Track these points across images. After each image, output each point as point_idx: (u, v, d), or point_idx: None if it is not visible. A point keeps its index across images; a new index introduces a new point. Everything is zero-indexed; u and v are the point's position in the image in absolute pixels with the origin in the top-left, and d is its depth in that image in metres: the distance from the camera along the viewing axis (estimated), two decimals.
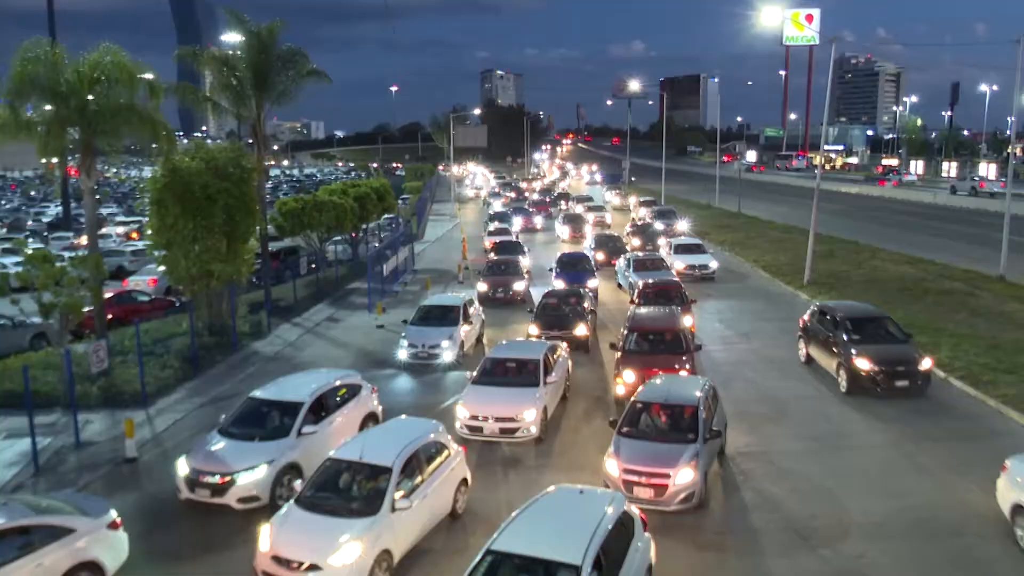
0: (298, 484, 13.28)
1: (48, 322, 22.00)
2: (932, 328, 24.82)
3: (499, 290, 31.32)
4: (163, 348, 23.26)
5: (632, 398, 15.93)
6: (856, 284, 33.02)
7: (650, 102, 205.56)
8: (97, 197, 23.51)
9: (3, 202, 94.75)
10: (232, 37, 33.07)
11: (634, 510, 11.51)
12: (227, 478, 13.78)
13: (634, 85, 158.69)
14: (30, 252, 21.63)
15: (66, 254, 29.82)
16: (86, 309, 21.52)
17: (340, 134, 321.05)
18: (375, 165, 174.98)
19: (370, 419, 16.93)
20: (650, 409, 15.36)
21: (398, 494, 12.08)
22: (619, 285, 34.09)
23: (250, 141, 33.29)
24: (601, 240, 41.87)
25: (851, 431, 17.68)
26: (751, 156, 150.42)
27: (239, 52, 30.92)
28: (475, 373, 18.77)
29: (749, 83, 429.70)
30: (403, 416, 15.65)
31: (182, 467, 14.23)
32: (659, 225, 49.06)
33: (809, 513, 13.80)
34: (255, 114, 30.69)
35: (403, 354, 23.06)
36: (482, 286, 31.51)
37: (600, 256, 38.28)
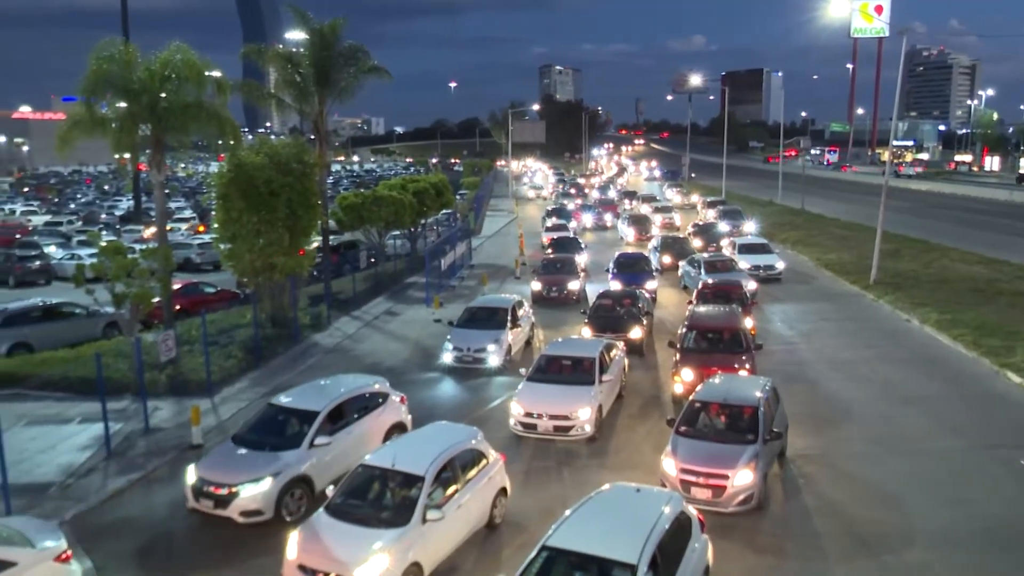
0: (330, 490, 12.46)
1: (120, 312, 22.80)
2: (1005, 331, 23.91)
3: (553, 289, 30.67)
4: (227, 339, 23.83)
5: (690, 397, 15.73)
6: (925, 284, 32.00)
7: (711, 97, 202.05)
8: (166, 192, 24.19)
9: (79, 196, 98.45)
10: (296, 35, 33.74)
11: (692, 510, 11.36)
12: (230, 490, 13.17)
13: (694, 80, 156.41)
14: (104, 244, 22.49)
15: (137, 246, 30.87)
16: (155, 300, 22.23)
17: (399, 130, 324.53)
18: (435, 160, 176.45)
19: (396, 429, 16.11)
20: (709, 409, 15.14)
21: (430, 504, 11.64)
22: (684, 287, 33.09)
23: (312, 137, 33.92)
24: (667, 242, 39.76)
25: (917, 435, 17.15)
26: (828, 154, 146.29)
27: (302, 49, 31.51)
28: (530, 370, 18.59)
29: (815, 77, 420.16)
30: (441, 422, 15.14)
31: (190, 475, 13.73)
32: (724, 226, 47.15)
33: (872, 518, 13.43)
34: (317, 110, 31.23)
35: (448, 357, 22.52)
36: (536, 285, 30.99)
37: (667, 259, 36.88)
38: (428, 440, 13.28)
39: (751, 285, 29.68)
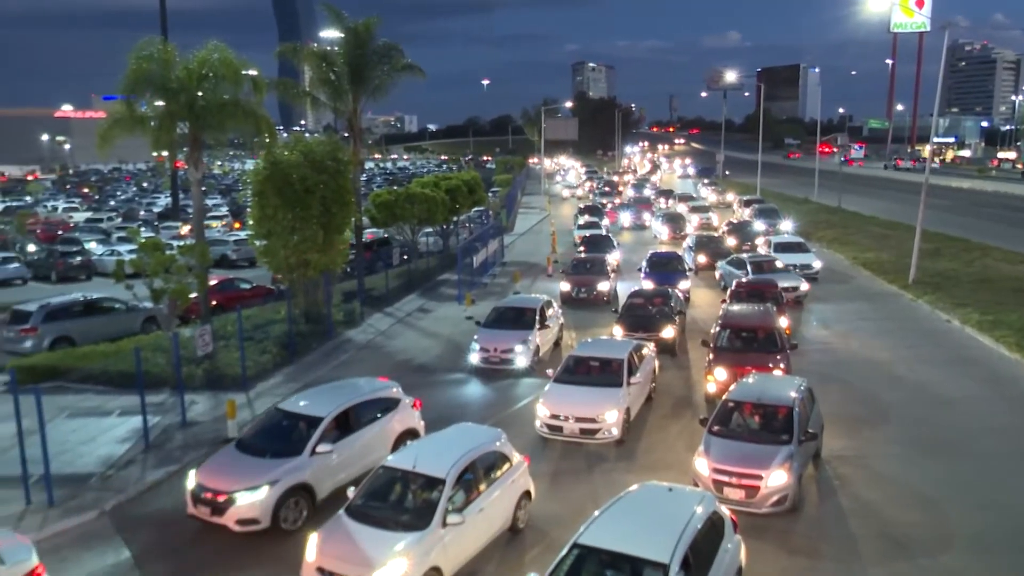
0: (351, 492, 12.27)
1: (158, 307, 23.25)
2: None
3: (582, 290, 30.04)
4: (262, 334, 24.13)
5: (724, 396, 15.59)
6: (965, 284, 31.37)
7: (746, 94, 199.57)
8: (203, 189, 24.54)
9: (118, 193, 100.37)
10: (330, 33, 33.98)
11: (724, 511, 11.27)
12: (227, 497, 12.84)
13: (729, 76, 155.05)
14: (142, 241, 22.89)
15: (174, 243, 31.38)
16: (192, 295, 22.59)
17: (432, 127, 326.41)
18: (468, 158, 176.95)
19: (408, 436, 15.57)
20: (742, 408, 15.00)
21: (451, 508, 11.45)
22: (725, 288, 32.03)
23: (346, 135, 34.17)
24: (702, 241, 38.97)
25: (955, 437, 16.83)
26: (855, 149, 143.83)
27: (337, 48, 31.74)
28: (557, 371, 18.31)
29: (853, 73, 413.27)
30: (465, 423, 15.02)
31: (190, 480, 13.48)
32: (760, 225, 46.38)
33: (908, 521, 13.22)
34: (351, 108, 31.45)
35: (474, 358, 22.20)
36: (564, 285, 30.34)
37: (702, 258, 36.28)
38: (450, 442, 13.06)
39: (803, 286, 29.19)
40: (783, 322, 22.16)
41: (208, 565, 12.39)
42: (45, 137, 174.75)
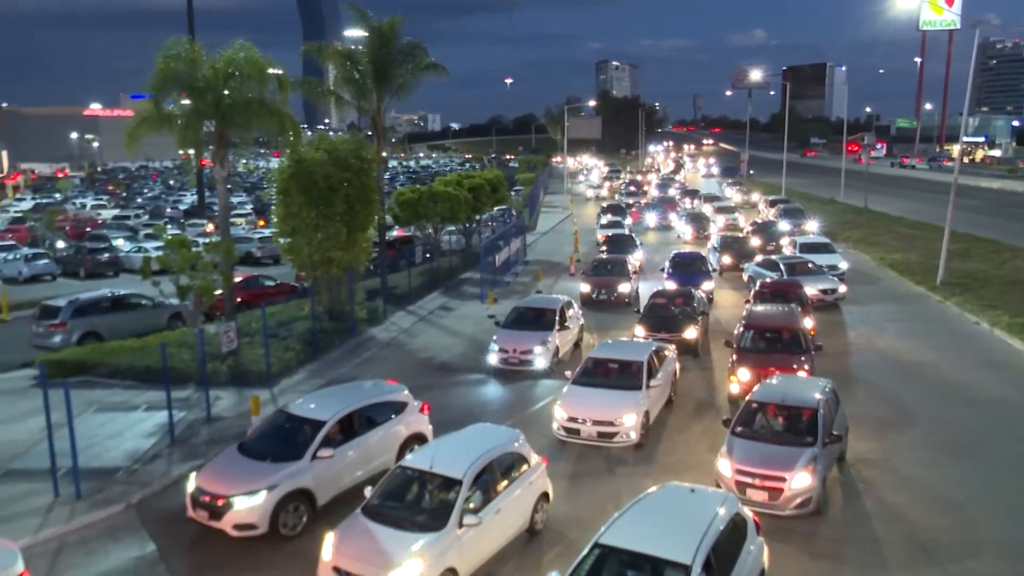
0: (368, 492, 12.25)
1: (184, 303, 23.48)
2: None
3: (602, 292, 29.56)
4: (286, 331, 24.31)
5: (747, 397, 15.47)
6: (995, 286, 30.87)
7: (771, 92, 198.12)
8: (228, 187, 24.77)
9: (145, 191, 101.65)
10: (355, 32, 34.13)
11: (747, 512, 11.18)
12: (224, 501, 12.67)
13: (754, 75, 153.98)
14: (169, 238, 23.13)
15: (200, 240, 31.70)
16: (217, 292, 22.80)
17: (455, 126, 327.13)
18: (491, 157, 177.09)
19: (415, 441, 15.39)
20: (766, 409, 14.87)
21: (468, 509, 11.39)
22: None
23: (369, 133, 34.31)
24: (727, 242, 38.13)
25: (983, 441, 16.58)
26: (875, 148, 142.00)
27: (361, 47, 31.87)
28: (575, 372, 18.06)
29: (880, 71, 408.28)
30: (482, 423, 14.91)
31: (191, 483, 13.36)
32: (785, 225, 45.84)
33: (935, 526, 13.05)
34: (375, 107, 31.58)
35: (493, 358, 21.93)
36: (584, 287, 29.93)
37: (726, 259, 35.77)
38: (468, 442, 12.95)
39: (841, 288, 28.62)
40: (808, 323, 21.94)
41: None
42: (74, 135, 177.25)
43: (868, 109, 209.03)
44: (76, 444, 14.17)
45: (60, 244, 47.19)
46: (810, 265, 30.53)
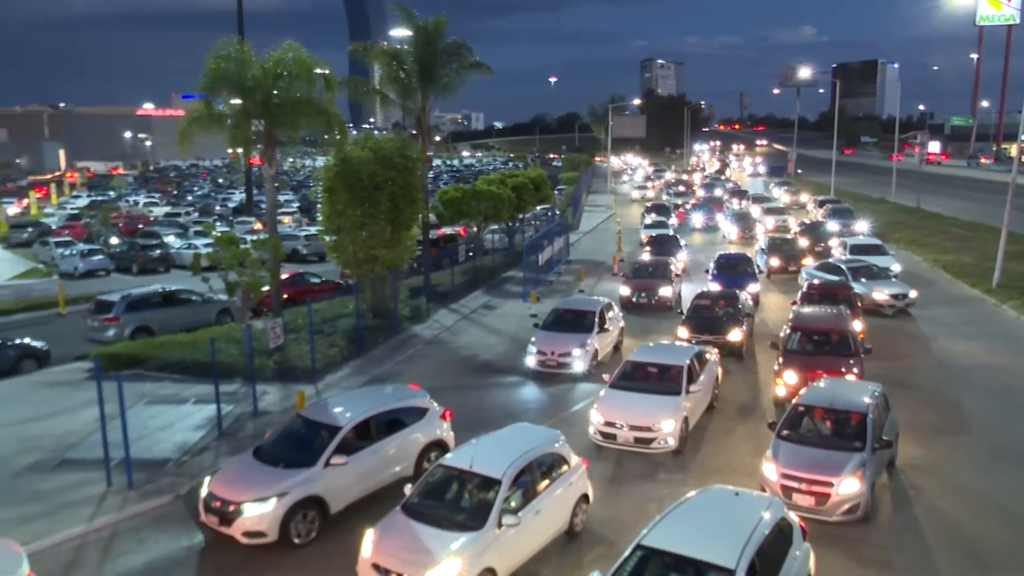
0: (407, 489, 12.25)
1: (232, 299, 23.94)
2: None
3: (642, 295, 28.77)
4: (331, 328, 24.62)
5: (794, 401, 15.22)
6: None
7: (820, 90, 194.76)
8: (276, 185, 25.15)
9: (195, 189, 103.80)
10: (400, 32, 34.39)
11: (793, 517, 11.00)
12: (235, 507, 12.45)
13: (803, 72, 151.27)
14: (218, 235, 23.59)
15: (248, 237, 32.29)
16: (265, 288, 23.18)
17: (499, 125, 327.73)
18: (535, 155, 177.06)
19: (434, 447, 14.99)
20: (813, 413, 14.61)
21: (507, 509, 11.31)
22: None
23: (414, 132, 34.55)
24: (776, 243, 36.79)
25: None
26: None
27: (406, 46, 32.11)
28: (613, 376, 17.70)
29: (934, 68, 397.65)
30: (522, 423, 14.85)
31: (205, 487, 13.21)
32: (834, 225, 44.86)
33: (988, 535, 12.68)
34: (420, 106, 31.79)
35: (531, 360, 21.60)
36: (624, 289, 29.18)
37: (775, 261, 34.59)
38: (508, 442, 12.87)
39: (912, 293, 27.50)
40: (857, 325, 21.48)
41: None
42: (128, 134, 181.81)
43: (921, 107, 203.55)
44: (128, 435, 14.53)
45: (114, 240, 48.47)
46: (875, 268, 29.43)
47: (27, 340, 23.52)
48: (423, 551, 10.70)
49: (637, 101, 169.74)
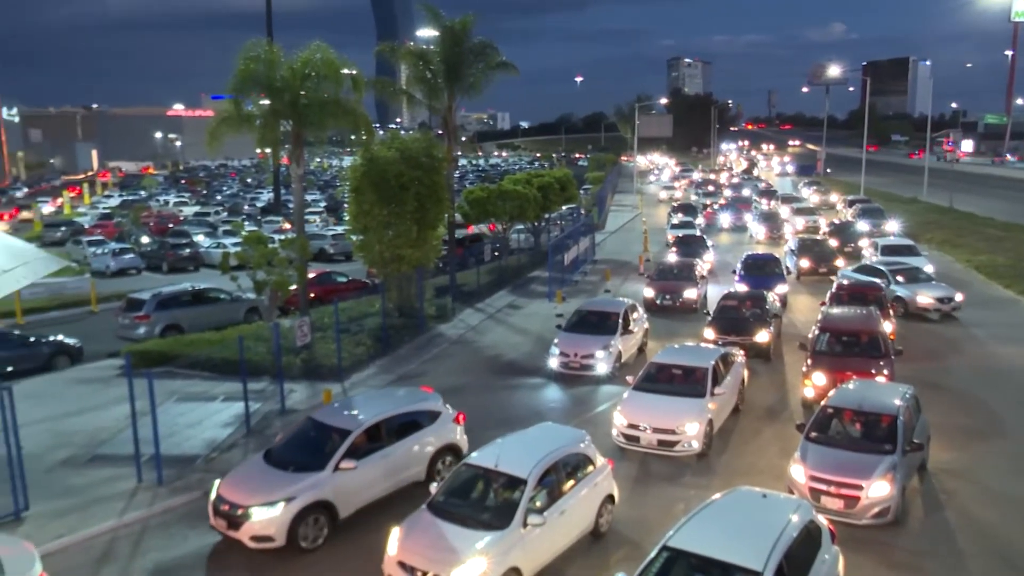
0: (433, 487, 12.29)
1: (260, 298, 24.16)
2: None
3: (667, 297, 28.29)
4: (357, 327, 24.76)
5: (822, 402, 15.04)
6: None
7: (851, 88, 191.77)
8: (303, 185, 25.35)
9: (224, 189, 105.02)
10: (427, 32, 34.52)
11: (822, 520, 10.87)
12: (243, 511, 12.30)
13: (833, 70, 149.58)
14: (246, 234, 23.81)
15: (276, 236, 32.58)
16: (292, 287, 23.38)
17: (524, 125, 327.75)
18: (561, 154, 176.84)
19: (447, 452, 14.79)
20: (842, 415, 14.43)
21: (532, 508, 11.29)
22: None
23: (440, 132, 34.66)
24: (806, 244, 35.84)
25: None
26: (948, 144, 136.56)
27: (433, 46, 32.22)
28: (637, 377, 17.49)
29: (968, 65, 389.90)
30: (548, 423, 14.79)
31: (214, 490, 13.09)
32: (864, 225, 44.05)
33: (1022, 540, 12.45)
34: (446, 105, 31.88)
35: (553, 362, 21.37)
36: (648, 291, 28.72)
37: (805, 263, 33.66)
38: (533, 441, 12.82)
39: (958, 296, 26.71)
40: (887, 327, 21.18)
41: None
42: (158, 135, 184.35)
43: (954, 105, 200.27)
44: (158, 432, 14.72)
45: (145, 239, 49.18)
46: (918, 271, 28.48)
47: (61, 337, 23.95)
48: (449, 549, 10.71)
49: (664, 100, 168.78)
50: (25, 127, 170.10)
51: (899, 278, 27.80)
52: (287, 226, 50.18)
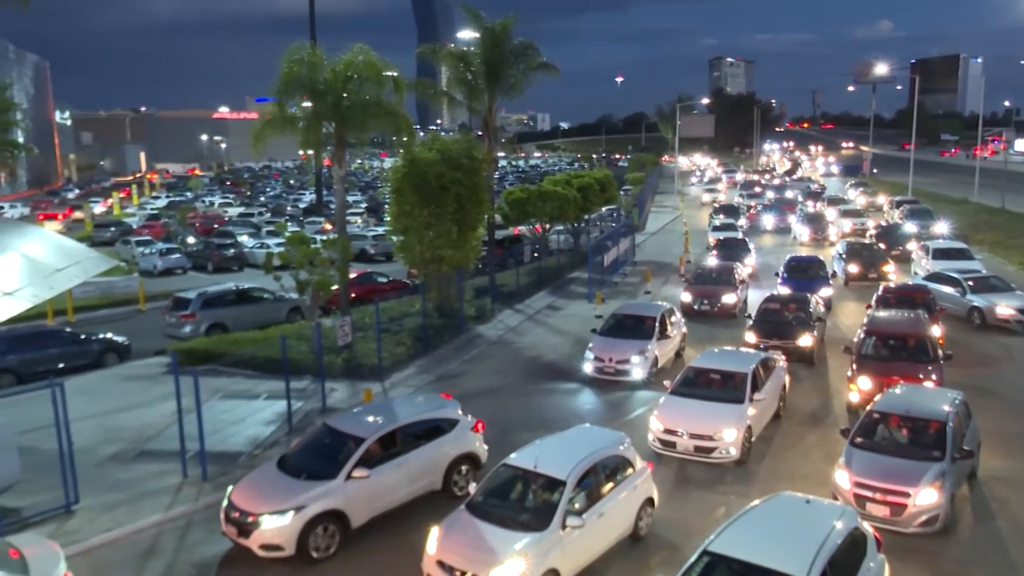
0: (472, 488, 12.24)
1: (302, 297, 24.47)
2: None
3: (704, 302, 27.45)
4: (398, 326, 24.94)
5: (868, 407, 14.75)
6: None
7: (899, 87, 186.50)
8: (345, 186, 25.61)
9: (268, 190, 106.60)
10: (467, 34, 34.66)
11: (867, 527, 10.64)
12: (254, 518, 12.07)
13: (880, 68, 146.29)
14: (289, 235, 24.14)
15: (318, 237, 33.00)
16: (334, 287, 23.63)
17: (564, 125, 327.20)
18: (602, 155, 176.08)
19: (465, 461, 14.47)
20: (888, 420, 14.13)
21: (571, 510, 11.25)
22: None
23: (480, 133, 34.76)
24: (855, 249, 34.39)
25: None
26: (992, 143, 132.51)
27: (474, 48, 32.33)
28: (674, 382, 17.18)
29: (1022, 62, 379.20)
30: (586, 425, 14.78)
31: (227, 497, 12.88)
32: (911, 227, 42.83)
33: None
34: (486, 107, 31.97)
35: (588, 367, 20.95)
36: (685, 296, 27.95)
37: (854, 268, 32.42)
38: (572, 443, 12.80)
39: None
40: (936, 331, 20.67)
41: (349, 544, 12.75)
42: (204, 137, 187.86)
43: (1007, 103, 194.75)
44: (203, 429, 15.01)
45: (191, 240, 50.17)
46: (996, 280, 26.87)
47: (110, 335, 24.55)
48: (487, 550, 10.73)
49: (705, 100, 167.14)
50: (77, 130, 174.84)
51: (975, 288, 26.06)
52: (329, 227, 50.79)
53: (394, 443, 13.54)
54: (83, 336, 24.04)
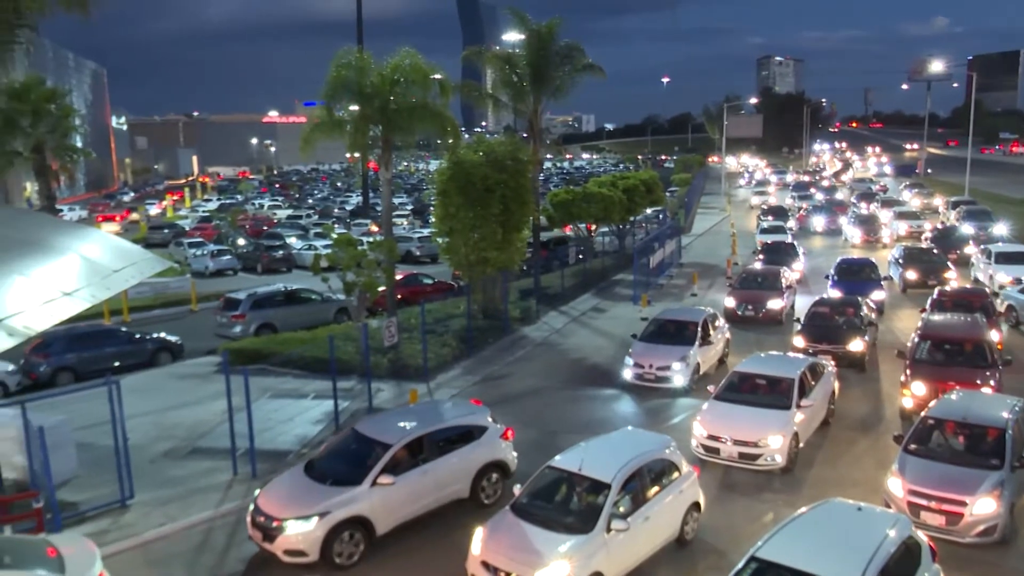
0: (517, 489, 12.10)
1: (349, 299, 24.75)
2: None
3: (748, 307, 26.65)
4: (443, 328, 25.09)
5: (923, 413, 14.37)
6: None
7: (955, 84, 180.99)
8: (391, 188, 25.83)
9: (315, 192, 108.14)
10: (512, 36, 34.70)
11: (922, 536, 10.38)
12: (279, 523, 11.97)
13: (935, 66, 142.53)
14: (337, 236, 24.44)
15: (365, 239, 33.34)
16: (380, 288, 23.87)
17: (609, 127, 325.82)
18: (648, 156, 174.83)
19: (493, 468, 14.17)
20: (944, 427, 13.76)
21: (616, 513, 11.18)
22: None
23: (525, 135, 34.77)
24: (913, 254, 32.71)
25: None
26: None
27: (519, 50, 32.34)
28: (719, 387, 16.86)
29: None
30: (630, 428, 14.69)
31: (253, 501, 12.83)
32: (968, 228, 41.35)
33: None
34: (532, 108, 31.96)
35: (627, 373, 20.54)
36: (729, 301, 27.11)
37: (912, 274, 30.84)
38: (618, 446, 12.78)
39: None
40: (994, 335, 20.05)
41: (395, 543, 12.85)
42: (254, 140, 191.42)
43: None
44: (253, 427, 15.28)
45: (241, 241, 51.11)
46: None
47: (163, 335, 25.15)
48: (532, 551, 10.73)
49: (753, 100, 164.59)
50: (132, 135, 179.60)
51: None
52: (375, 229, 51.31)
53: (421, 449, 13.36)
54: (138, 335, 24.67)
